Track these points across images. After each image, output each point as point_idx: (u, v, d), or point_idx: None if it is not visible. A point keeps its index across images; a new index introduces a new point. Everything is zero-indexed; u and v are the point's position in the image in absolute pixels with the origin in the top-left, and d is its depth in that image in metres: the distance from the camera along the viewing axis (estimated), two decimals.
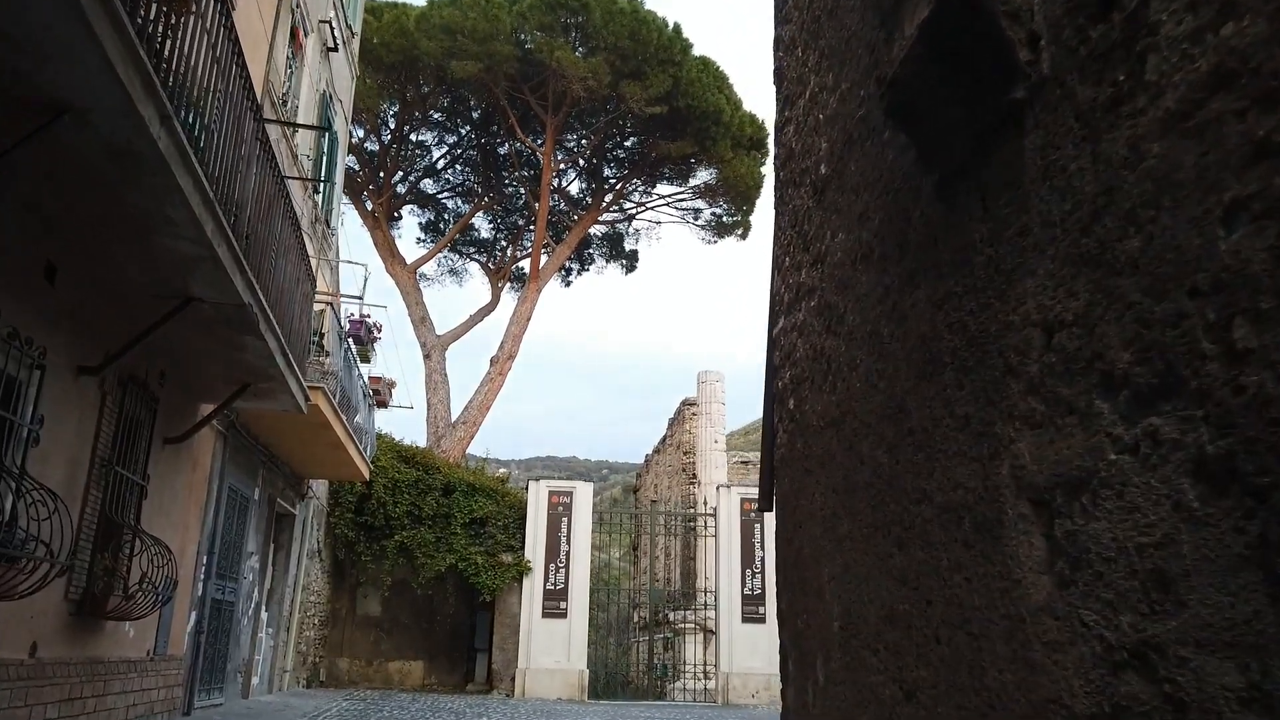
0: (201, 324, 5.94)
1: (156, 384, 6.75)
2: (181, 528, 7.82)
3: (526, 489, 14.80)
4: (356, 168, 28.38)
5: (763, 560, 14.56)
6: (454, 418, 27.67)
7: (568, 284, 33.67)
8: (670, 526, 15.40)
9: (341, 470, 11.83)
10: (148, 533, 6.38)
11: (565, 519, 14.48)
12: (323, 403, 8.87)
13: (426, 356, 27.98)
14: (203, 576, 8.55)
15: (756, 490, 14.40)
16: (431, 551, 14.60)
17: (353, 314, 11.15)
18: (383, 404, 12.84)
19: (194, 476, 8.07)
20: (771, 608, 14.44)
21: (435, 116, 29.82)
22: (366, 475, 12.13)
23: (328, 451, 10.64)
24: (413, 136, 30.17)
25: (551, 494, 14.53)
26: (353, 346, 10.43)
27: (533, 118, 27.46)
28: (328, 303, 9.49)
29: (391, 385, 13.16)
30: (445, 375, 28.83)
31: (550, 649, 13.95)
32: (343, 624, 15.35)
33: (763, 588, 14.48)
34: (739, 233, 31.36)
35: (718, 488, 15.27)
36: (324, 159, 12.19)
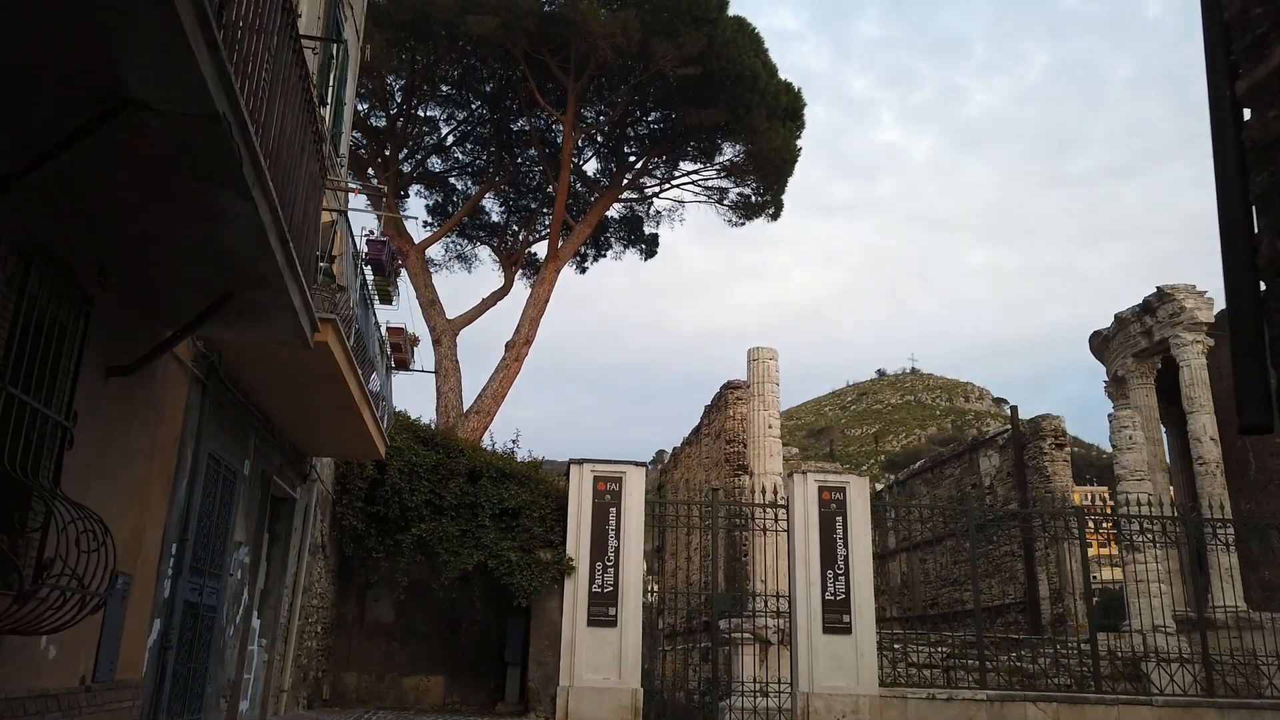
0: (149, 165, 3.75)
1: (93, 281, 4.56)
2: (137, 503, 5.62)
3: (566, 474, 12.57)
4: (362, 141, 26.27)
5: (846, 560, 12.33)
6: (466, 406, 25.52)
7: (583, 270, 31.51)
8: (733, 520, 13.14)
9: (352, 444, 9.61)
10: (73, 502, 4.18)
11: (614, 509, 12.25)
12: (333, 342, 6.66)
13: (436, 342, 25.77)
14: (171, 572, 6.34)
15: (834, 478, 12.14)
16: (456, 547, 12.37)
17: (370, 231, 8.95)
18: (403, 363, 10.64)
19: (158, 434, 5.87)
20: (858, 615, 12.22)
21: (444, 90, 27.71)
22: (383, 452, 9.91)
23: (337, 417, 8.42)
24: (420, 111, 28.00)
25: (597, 480, 12.29)
26: (369, 280, 8.24)
27: (551, 89, 25.31)
28: (340, 211, 7.30)
29: (414, 341, 10.95)
30: (456, 361, 26.65)
31: (598, 664, 11.70)
32: (349, 632, 13.12)
33: (847, 592, 12.25)
34: (770, 213, 29.16)
35: (790, 475, 13.04)
36: (332, 72, 10.01)
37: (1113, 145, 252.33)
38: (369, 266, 8.20)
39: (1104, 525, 13.53)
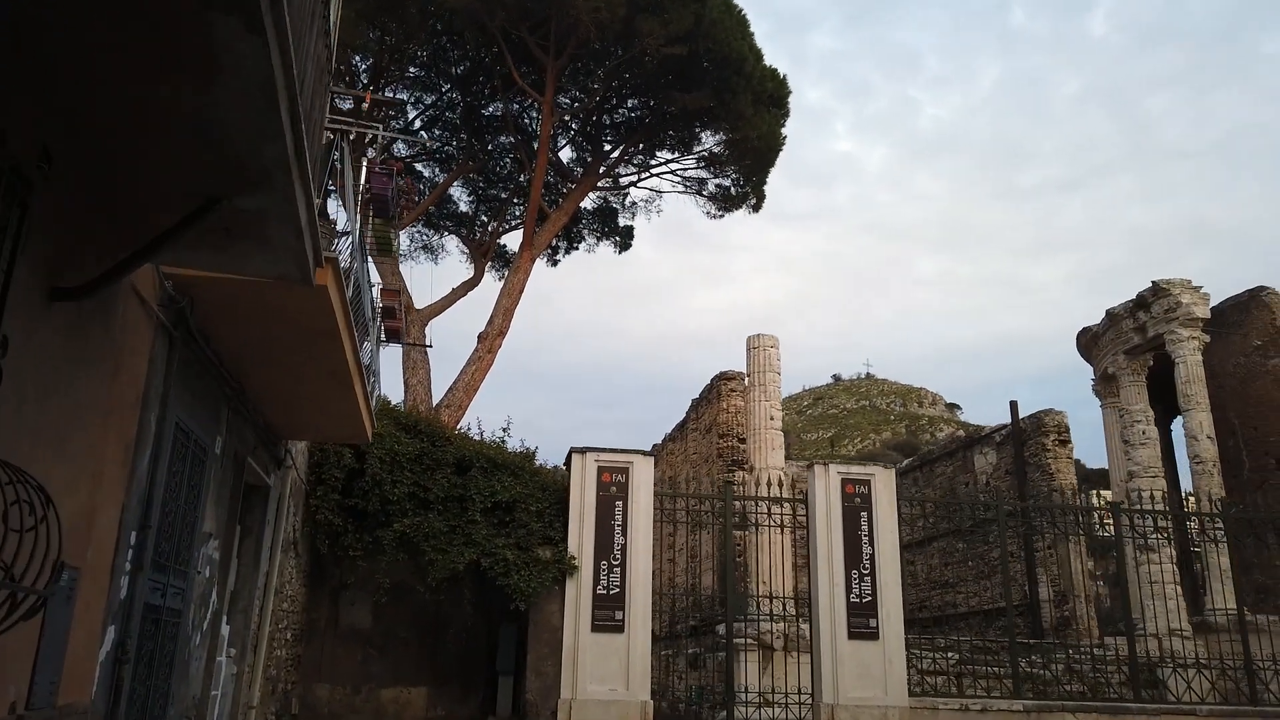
0: None
1: (32, 162, 3.33)
2: (89, 476, 4.38)
3: (567, 464, 11.40)
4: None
5: (872, 559, 11.34)
6: (436, 400, 24.19)
7: (554, 262, 30.31)
8: (754, 515, 12.04)
9: (337, 424, 8.36)
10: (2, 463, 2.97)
11: (620, 502, 11.12)
12: (333, 287, 5.46)
13: (400, 343, 24.44)
14: (129, 566, 5.08)
15: (858, 469, 11.14)
16: (444, 545, 11.12)
17: (373, 159, 7.65)
18: (395, 333, 9.35)
19: (116, 389, 4.63)
20: (886, 620, 11.23)
21: (413, 72, 26.42)
22: (370, 434, 8.68)
23: (325, 388, 7.19)
24: (387, 93, 26.70)
25: (602, 470, 11.15)
26: (369, 225, 7.00)
27: (526, 73, 24.11)
28: (340, 129, 6.07)
29: (410, 308, 9.63)
30: (425, 354, 25.31)
31: (604, 674, 10.55)
32: (322, 639, 11.81)
33: (874, 593, 11.26)
34: (751, 203, 28.24)
35: (811, 466, 12.00)
36: None
37: (1059, 159, 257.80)
38: (370, 205, 6.97)
39: (1139, 522, 12.69)
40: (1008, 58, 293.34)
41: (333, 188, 5.85)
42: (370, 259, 7.75)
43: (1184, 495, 18.25)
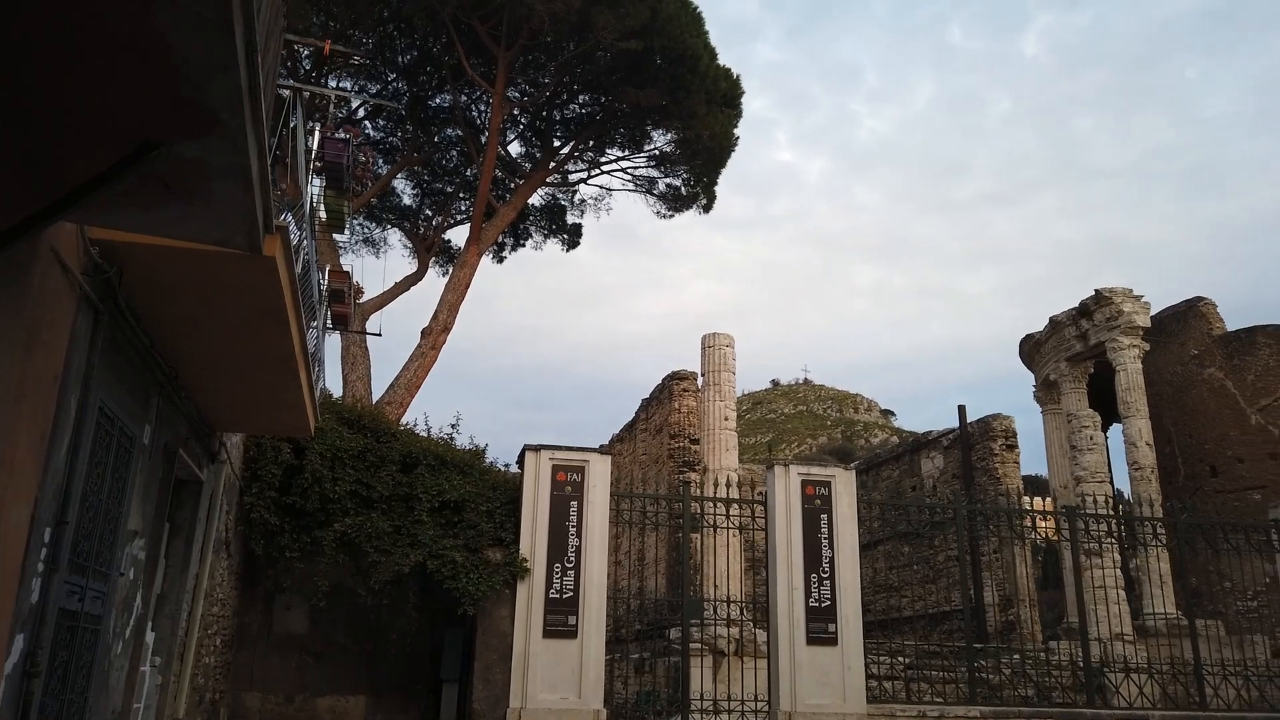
0: None
1: None
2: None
3: (520, 463, 10.93)
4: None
5: (832, 562, 11.09)
6: (376, 398, 23.40)
7: (500, 259, 29.72)
8: (711, 516, 11.68)
9: (277, 415, 7.78)
10: None
11: (575, 502, 10.68)
12: (281, 261, 4.94)
13: (348, 330, 23.59)
14: (42, 567, 4.50)
15: (819, 470, 10.88)
16: (388, 546, 10.55)
17: (328, 127, 7.07)
18: (343, 318, 8.74)
19: (31, 366, 4.07)
20: (845, 624, 10.99)
21: (358, 60, 25.61)
22: (313, 427, 8.11)
23: (267, 375, 6.63)
24: (330, 82, 25.83)
25: (557, 469, 10.69)
26: (321, 193, 6.42)
27: (475, 64, 23.52)
28: (292, 89, 5.53)
29: (358, 291, 9.04)
30: (366, 349, 24.51)
31: (555, 681, 10.10)
32: (254, 646, 11.13)
33: (833, 598, 11.00)
34: (701, 204, 28.03)
35: (771, 467, 11.71)
36: None
37: (991, 174, 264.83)
38: (321, 175, 6.41)
39: (1094, 526, 12.69)
40: (944, 74, 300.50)
41: (280, 154, 5.34)
42: (316, 238, 7.20)
43: (1114, 500, 18.48)
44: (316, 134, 6.63)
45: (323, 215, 6.96)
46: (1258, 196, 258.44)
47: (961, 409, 20.30)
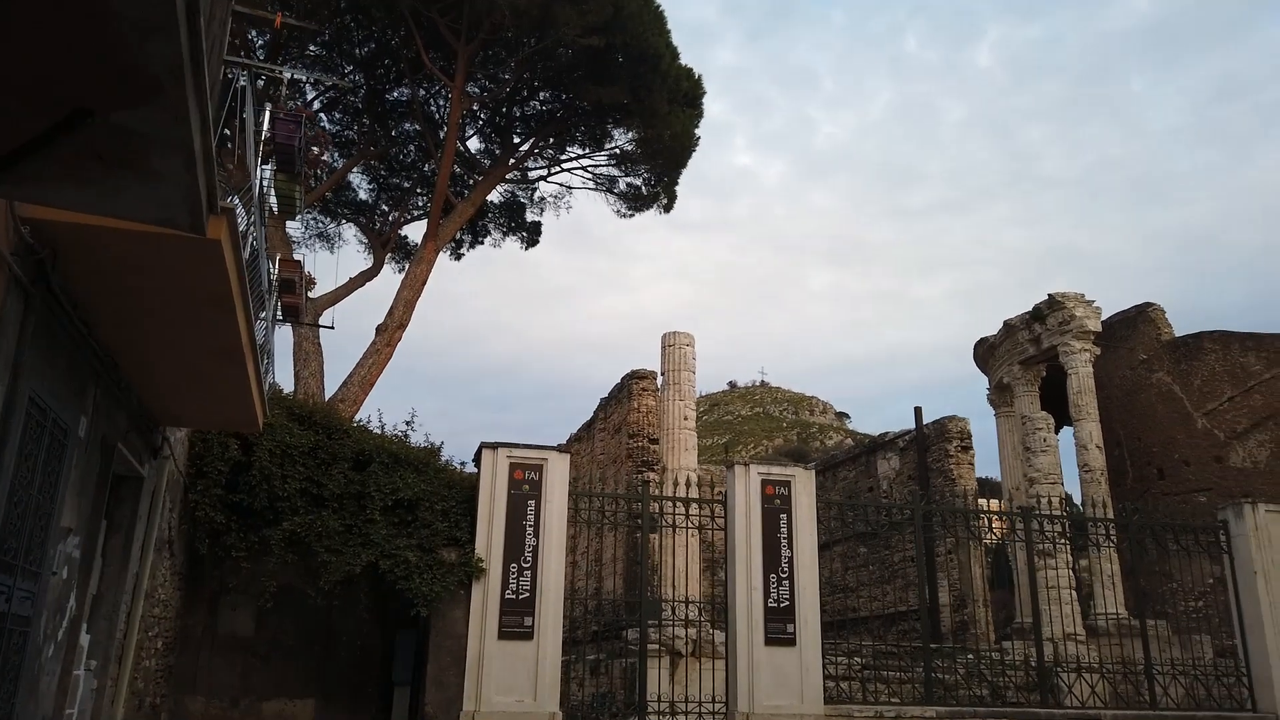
0: None
1: None
2: None
3: (476, 461, 10.72)
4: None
5: (791, 562, 11.04)
6: (329, 395, 22.94)
7: (458, 256, 29.33)
8: (671, 516, 11.54)
9: (223, 409, 7.49)
10: None
11: (533, 501, 10.48)
12: (228, 245, 4.71)
13: (299, 322, 23.07)
14: None
15: (779, 470, 10.83)
16: (339, 545, 10.26)
17: (279, 107, 6.77)
18: (294, 309, 8.43)
19: None
20: (804, 625, 10.94)
21: (313, 50, 25.06)
22: (261, 422, 7.83)
23: (212, 366, 6.36)
24: (285, 74, 25.25)
25: (514, 467, 10.49)
26: (271, 180, 6.15)
27: (435, 58, 23.18)
28: (242, 65, 5.29)
29: (310, 283, 8.76)
30: (319, 344, 24.01)
31: (511, 684, 9.89)
32: (197, 648, 10.77)
33: (792, 598, 10.95)
34: (662, 203, 27.93)
35: (732, 467, 11.62)
36: None
37: (945, 182, 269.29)
38: (272, 159, 6.13)
39: (1049, 526, 12.80)
40: (900, 82, 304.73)
41: (228, 134, 5.09)
42: (266, 224, 6.89)
43: (1065, 502, 18.74)
44: (267, 114, 6.36)
45: (273, 201, 6.69)
46: (1198, 209, 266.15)
47: (918, 410, 20.46)
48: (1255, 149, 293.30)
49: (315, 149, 6.87)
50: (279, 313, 8.06)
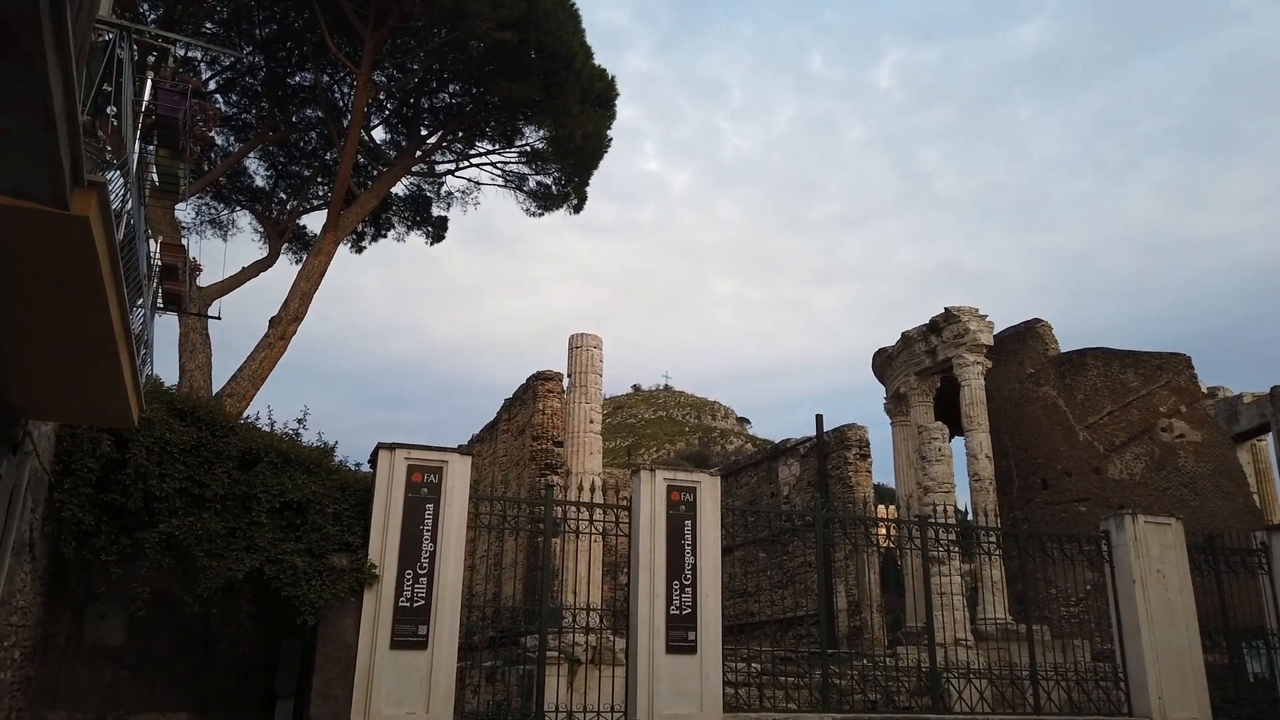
0: None
1: None
2: None
3: (372, 462, 10.26)
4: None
5: (694, 569, 10.94)
6: (216, 390, 21.87)
7: (359, 249, 28.46)
8: (575, 521, 11.30)
9: (93, 403, 6.92)
10: None
11: (431, 505, 10.09)
12: (97, 224, 4.28)
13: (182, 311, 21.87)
14: None
15: (684, 476, 10.75)
16: (220, 549, 9.66)
17: (163, 72, 6.27)
18: (177, 297, 7.88)
19: None
20: (705, 633, 10.86)
21: (209, 28, 23.91)
22: (136, 417, 7.26)
23: (81, 356, 5.84)
24: (179, 51, 23.98)
25: (413, 470, 10.08)
26: (152, 155, 5.67)
27: (340, 44, 22.42)
28: (123, 27, 4.83)
29: (196, 268, 8.18)
30: (207, 336, 22.88)
31: (402, 695, 9.48)
32: (60, 658, 9.99)
33: (694, 605, 10.85)
34: (572, 204, 27.67)
35: (637, 472, 11.45)
36: None
37: (844, 197, 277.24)
38: (154, 132, 5.64)
39: (943, 534, 13.09)
40: (804, 99, 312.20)
41: (103, 104, 4.65)
42: (146, 204, 6.38)
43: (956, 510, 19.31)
44: (149, 84, 5.87)
45: (155, 179, 6.19)
46: (1077, 233, 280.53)
47: (819, 418, 20.77)
48: (1127, 179, 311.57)
49: (202, 123, 6.38)
50: (160, 300, 7.49)
